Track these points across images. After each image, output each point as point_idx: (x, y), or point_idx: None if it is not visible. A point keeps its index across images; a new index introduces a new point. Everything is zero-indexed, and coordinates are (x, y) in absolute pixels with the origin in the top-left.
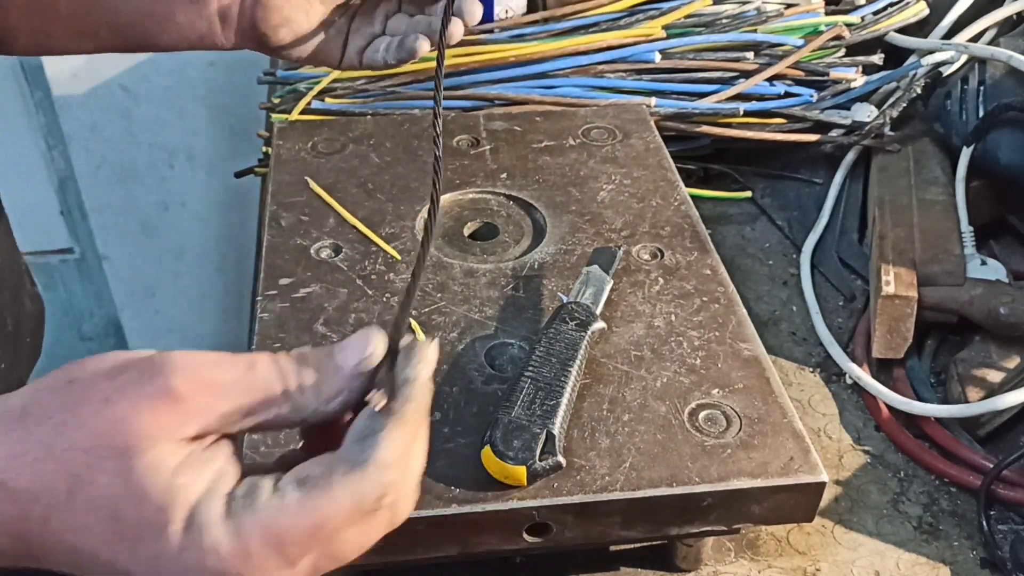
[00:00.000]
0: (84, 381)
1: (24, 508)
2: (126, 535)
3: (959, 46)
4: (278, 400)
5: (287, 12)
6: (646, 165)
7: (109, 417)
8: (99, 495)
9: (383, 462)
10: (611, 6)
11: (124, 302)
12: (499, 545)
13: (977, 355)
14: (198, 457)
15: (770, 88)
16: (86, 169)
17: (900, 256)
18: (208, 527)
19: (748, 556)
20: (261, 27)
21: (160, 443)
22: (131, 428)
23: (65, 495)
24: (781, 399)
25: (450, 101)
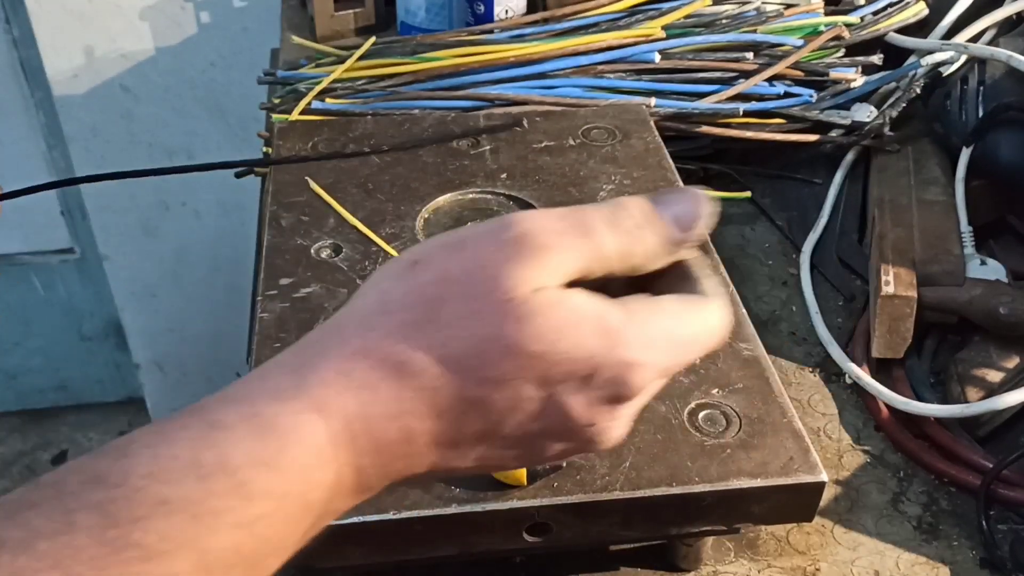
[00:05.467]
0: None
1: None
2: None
3: (959, 46)
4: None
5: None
6: (646, 165)
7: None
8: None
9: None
10: (611, 6)
11: (124, 302)
12: (499, 545)
13: (977, 355)
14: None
15: (770, 88)
16: (86, 169)
17: (900, 256)
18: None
19: (748, 556)
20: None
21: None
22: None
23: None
24: (781, 399)
25: (450, 101)
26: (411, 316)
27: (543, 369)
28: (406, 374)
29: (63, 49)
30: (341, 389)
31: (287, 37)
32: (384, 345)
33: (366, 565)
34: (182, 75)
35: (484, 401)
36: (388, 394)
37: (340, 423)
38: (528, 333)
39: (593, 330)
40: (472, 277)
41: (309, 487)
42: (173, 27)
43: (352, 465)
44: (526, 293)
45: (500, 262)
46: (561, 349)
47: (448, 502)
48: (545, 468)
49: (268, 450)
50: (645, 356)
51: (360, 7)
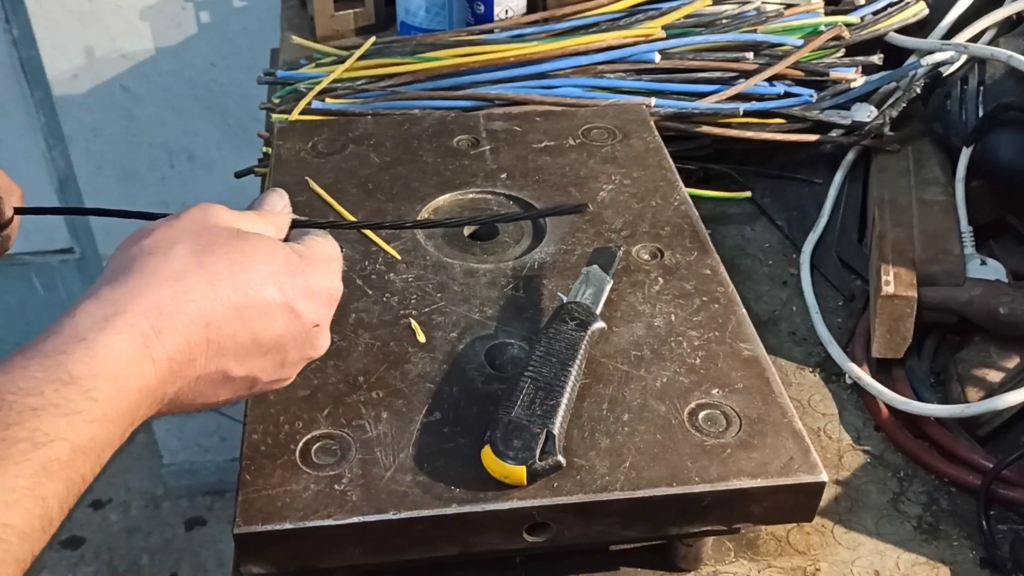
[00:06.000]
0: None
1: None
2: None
3: (959, 46)
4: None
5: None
6: (646, 165)
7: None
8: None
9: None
10: (611, 6)
11: None
12: (499, 545)
13: (977, 355)
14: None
15: (770, 88)
16: (86, 169)
17: (900, 256)
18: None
19: (748, 556)
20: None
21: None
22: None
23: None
24: (781, 399)
25: (450, 101)
26: (163, 254)
27: (275, 275)
28: (183, 290)
29: (63, 49)
30: (138, 313)
31: (287, 37)
32: (157, 273)
33: (366, 565)
34: (182, 75)
35: (243, 308)
36: (171, 310)
37: (141, 340)
38: (255, 248)
39: (293, 255)
40: (197, 225)
41: (130, 392)
42: (173, 27)
43: (155, 373)
44: (240, 230)
45: (210, 216)
46: (281, 261)
47: (448, 502)
48: (545, 468)
49: (100, 365)
50: (330, 267)
51: (360, 7)
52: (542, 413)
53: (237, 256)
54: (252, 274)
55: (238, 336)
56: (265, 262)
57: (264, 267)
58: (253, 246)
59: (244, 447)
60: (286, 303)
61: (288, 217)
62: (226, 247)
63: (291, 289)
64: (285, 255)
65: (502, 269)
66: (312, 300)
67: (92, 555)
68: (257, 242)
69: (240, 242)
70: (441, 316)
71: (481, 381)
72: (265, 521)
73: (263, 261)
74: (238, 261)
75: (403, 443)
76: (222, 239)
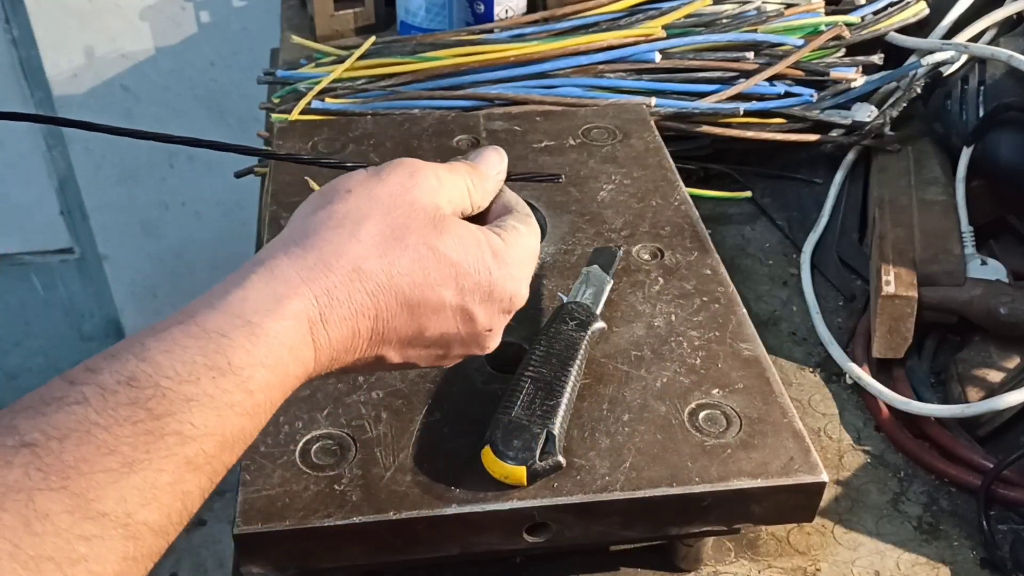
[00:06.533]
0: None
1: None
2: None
3: (959, 46)
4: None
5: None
6: (646, 165)
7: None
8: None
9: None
10: (611, 6)
11: (124, 302)
12: (499, 545)
13: (977, 355)
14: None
15: (770, 88)
16: (86, 169)
17: (900, 256)
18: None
19: (748, 556)
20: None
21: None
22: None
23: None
24: (781, 399)
25: (450, 101)
26: (349, 230)
27: (458, 277)
28: (359, 278)
29: (63, 49)
30: (309, 299)
31: (287, 37)
32: (338, 255)
33: (366, 565)
34: (182, 75)
35: (416, 306)
36: (343, 297)
37: (307, 327)
38: (448, 243)
39: (487, 252)
40: (394, 199)
41: (288, 379)
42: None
43: (314, 360)
44: (438, 212)
45: (411, 187)
46: (471, 261)
47: (448, 502)
48: (545, 468)
49: (261, 353)
50: (521, 272)
51: (360, 7)
52: (542, 413)
53: (425, 250)
54: (435, 273)
55: (403, 330)
56: (453, 261)
57: (450, 267)
58: (446, 238)
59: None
60: (463, 306)
61: (499, 181)
62: (417, 236)
63: (472, 292)
64: (477, 255)
65: None
66: (491, 305)
67: None
68: (452, 233)
69: (432, 232)
70: None
71: (481, 381)
72: (265, 521)
73: (451, 259)
74: (425, 256)
75: (403, 443)
76: (415, 226)
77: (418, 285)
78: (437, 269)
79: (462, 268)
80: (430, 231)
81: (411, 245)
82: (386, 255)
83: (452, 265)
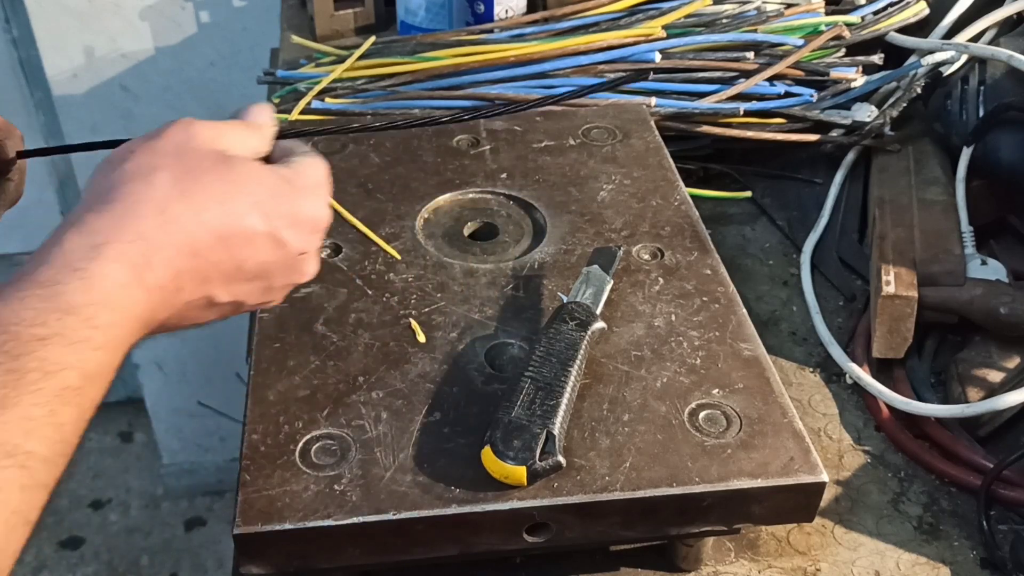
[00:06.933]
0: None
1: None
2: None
3: (959, 46)
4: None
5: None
6: (646, 165)
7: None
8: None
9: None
10: (611, 6)
11: None
12: (499, 545)
13: (977, 355)
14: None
15: (770, 88)
16: (86, 169)
17: (900, 256)
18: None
19: (748, 556)
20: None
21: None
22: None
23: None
24: (781, 399)
25: (450, 101)
26: (145, 181)
27: (260, 204)
28: (167, 221)
29: (63, 49)
30: (125, 243)
31: (287, 37)
32: (141, 202)
33: (366, 565)
34: (182, 75)
35: (228, 238)
36: (158, 240)
37: (131, 268)
38: (241, 176)
39: (281, 180)
40: (179, 148)
41: (129, 318)
42: (173, 27)
43: (147, 301)
44: (224, 154)
45: (192, 136)
46: (267, 189)
47: (448, 502)
48: (545, 468)
49: (96, 293)
50: (318, 192)
51: (360, 7)
52: (542, 413)
53: (221, 185)
54: (237, 203)
55: (223, 264)
56: (250, 191)
57: (249, 196)
58: (237, 173)
59: (244, 447)
60: (271, 232)
61: (272, 129)
62: (210, 174)
63: (276, 218)
64: (271, 183)
65: (502, 269)
66: (298, 228)
67: (92, 555)
68: (242, 168)
69: (224, 169)
70: (441, 316)
71: (481, 381)
72: (265, 521)
73: (248, 190)
74: (222, 190)
75: (403, 443)
76: (206, 165)
77: (225, 216)
78: (238, 200)
79: (261, 196)
80: (222, 168)
81: (207, 183)
82: (186, 196)
83: (251, 194)
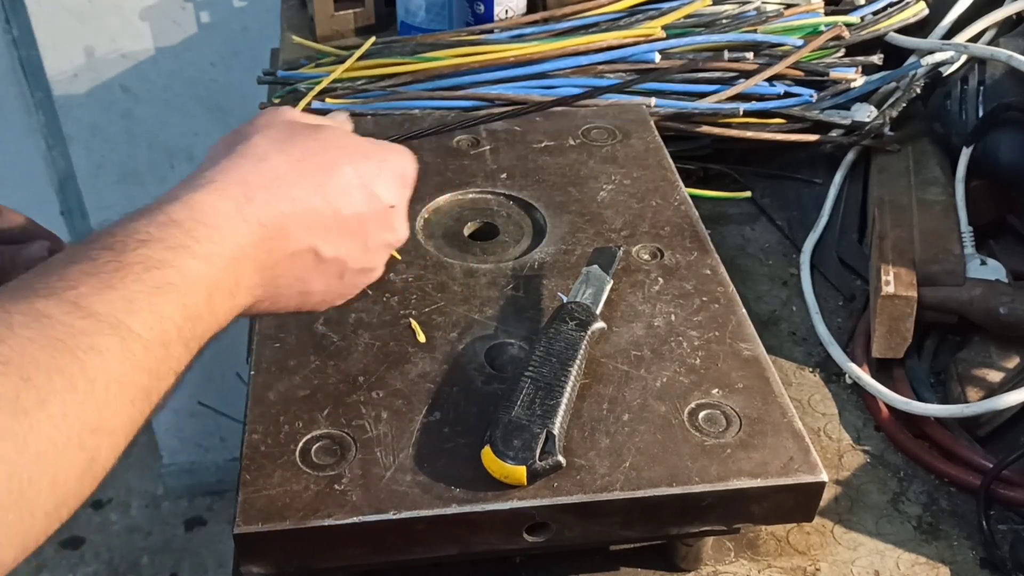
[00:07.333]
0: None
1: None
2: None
3: (959, 46)
4: None
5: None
6: (646, 165)
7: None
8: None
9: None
10: (611, 6)
11: None
12: (499, 545)
13: (977, 355)
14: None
15: (770, 88)
16: (86, 169)
17: (900, 256)
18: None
19: (748, 556)
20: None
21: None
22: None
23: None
24: (781, 399)
25: (450, 101)
26: (241, 146)
27: (350, 157)
28: (265, 167)
29: (63, 49)
30: (228, 183)
31: (287, 37)
32: (241, 155)
33: (366, 565)
34: (182, 75)
35: (324, 184)
36: (259, 182)
37: (233, 202)
38: (328, 135)
39: (366, 139)
40: (269, 119)
41: (228, 242)
42: (173, 27)
43: (249, 236)
44: (309, 121)
45: (282, 111)
46: (353, 146)
47: (448, 502)
48: (545, 468)
49: (199, 214)
50: (399, 151)
51: (360, 7)
52: (542, 413)
53: (312, 143)
54: (329, 156)
55: (323, 212)
56: (340, 146)
57: (340, 151)
58: (327, 134)
59: (244, 447)
60: (363, 183)
61: (350, 125)
62: (302, 134)
63: (366, 171)
64: (359, 140)
65: (502, 269)
66: (387, 181)
67: (92, 555)
68: (330, 131)
69: (315, 131)
70: (441, 316)
71: (481, 381)
72: (265, 521)
73: (338, 145)
74: (314, 147)
75: (403, 443)
76: (297, 128)
77: (319, 167)
78: (331, 153)
79: (351, 150)
80: (313, 130)
81: (301, 141)
82: (283, 150)
83: (342, 148)
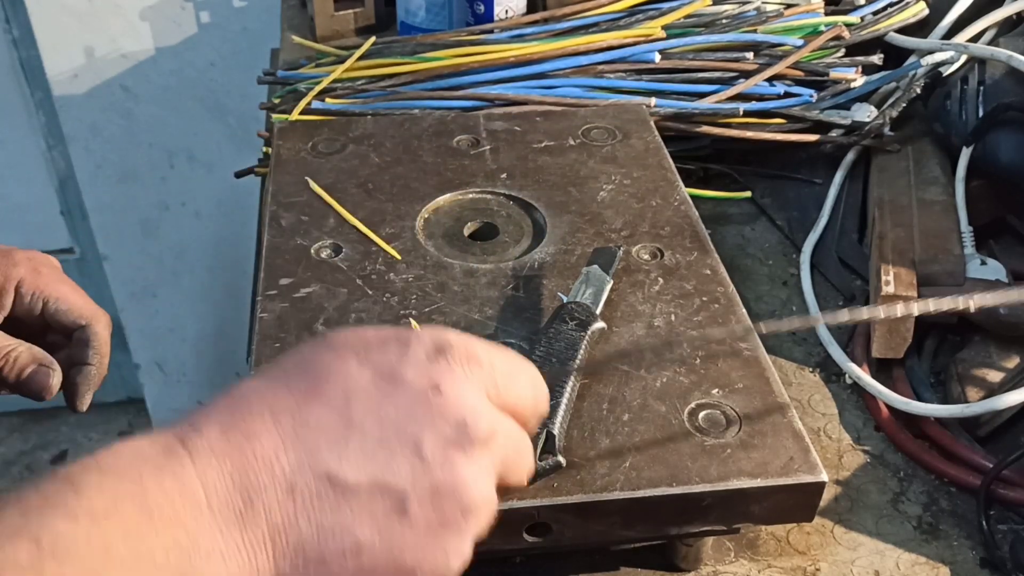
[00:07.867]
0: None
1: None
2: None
3: (959, 46)
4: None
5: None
6: (646, 165)
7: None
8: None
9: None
10: (611, 6)
11: (124, 302)
12: (499, 545)
13: (977, 355)
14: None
15: (770, 88)
16: (86, 169)
17: (900, 256)
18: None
19: (748, 556)
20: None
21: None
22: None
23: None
24: (781, 399)
25: (450, 101)
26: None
27: (352, 345)
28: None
29: (63, 49)
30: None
31: (287, 37)
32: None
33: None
34: (182, 75)
35: (319, 392)
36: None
37: (174, 438)
38: (329, 336)
39: (376, 329)
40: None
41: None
42: (173, 27)
43: (193, 465)
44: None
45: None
46: (361, 334)
47: None
48: (545, 468)
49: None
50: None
51: (360, 7)
52: None
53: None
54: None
55: (322, 420)
56: (346, 340)
57: (346, 343)
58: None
59: None
60: (374, 373)
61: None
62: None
63: (379, 355)
64: (362, 331)
65: (502, 269)
66: (416, 357)
67: None
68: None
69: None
70: (441, 316)
71: None
72: None
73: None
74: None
75: None
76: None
77: (308, 365)
78: (325, 352)
79: (352, 338)
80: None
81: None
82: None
83: (340, 343)
